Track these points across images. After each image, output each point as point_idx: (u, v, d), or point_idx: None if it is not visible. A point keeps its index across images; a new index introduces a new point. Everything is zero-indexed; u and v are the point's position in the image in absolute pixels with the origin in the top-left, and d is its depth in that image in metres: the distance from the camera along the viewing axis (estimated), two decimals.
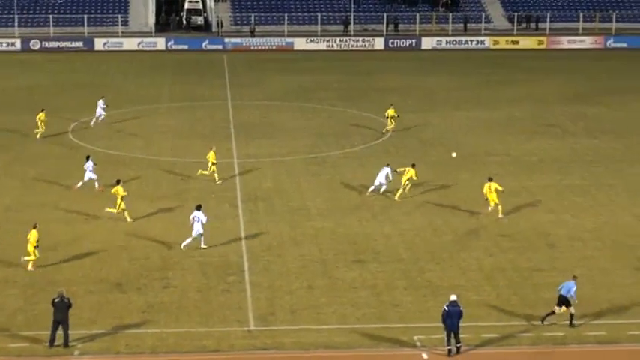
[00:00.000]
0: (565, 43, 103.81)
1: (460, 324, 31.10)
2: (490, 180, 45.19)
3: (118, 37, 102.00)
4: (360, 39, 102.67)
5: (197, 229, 39.74)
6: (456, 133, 61.02)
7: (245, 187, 49.02)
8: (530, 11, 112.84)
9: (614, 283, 36.83)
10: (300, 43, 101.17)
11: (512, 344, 31.97)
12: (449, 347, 31.19)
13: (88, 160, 48.37)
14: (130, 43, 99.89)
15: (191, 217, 40.00)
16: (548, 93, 73.30)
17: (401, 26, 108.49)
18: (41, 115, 59.20)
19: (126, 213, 43.33)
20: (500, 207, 44.52)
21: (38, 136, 58.79)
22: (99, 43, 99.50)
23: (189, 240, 39.93)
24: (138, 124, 62.50)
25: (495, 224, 43.54)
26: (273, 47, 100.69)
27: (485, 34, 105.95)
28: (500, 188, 44.66)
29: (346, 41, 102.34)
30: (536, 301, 35.15)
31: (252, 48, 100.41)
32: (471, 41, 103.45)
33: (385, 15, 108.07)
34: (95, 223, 43.32)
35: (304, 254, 39.68)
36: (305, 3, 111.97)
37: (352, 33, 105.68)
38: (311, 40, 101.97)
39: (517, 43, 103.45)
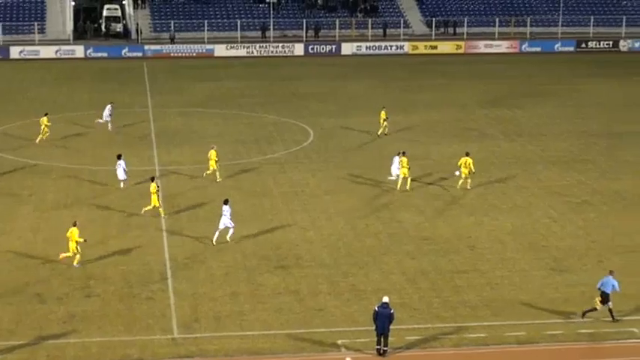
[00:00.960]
0: (482, 47, 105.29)
1: (390, 327, 31.38)
2: (467, 155, 49.69)
3: (34, 45, 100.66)
4: (280, 45, 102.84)
5: (224, 222, 41.41)
6: (377, 138, 61.40)
7: (167, 194, 48.75)
8: (448, 16, 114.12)
9: (533, 284, 37.45)
10: (220, 50, 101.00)
11: (436, 347, 32.31)
12: (377, 347, 31.45)
13: (119, 158, 49.71)
14: (48, 51, 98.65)
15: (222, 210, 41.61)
16: (466, 97, 74.26)
17: (321, 32, 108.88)
18: (44, 120, 59.81)
19: (160, 209, 45.08)
20: (469, 180, 49.42)
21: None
22: (14, 52, 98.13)
23: (217, 233, 41.39)
24: (57, 133, 61.70)
25: (417, 228, 43.97)
26: (194, 54, 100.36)
27: (405, 40, 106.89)
28: (473, 169, 49.51)
29: (266, 47, 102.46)
30: (459, 302, 35.60)
31: (172, 55, 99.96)
32: (391, 46, 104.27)
33: (305, 21, 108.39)
34: (11, 232, 42.78)
35: (227, 261, 39.62)
36: (225, 9, 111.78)
37: (272, 39, 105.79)
38: (231, 47, 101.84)
39: (435, 47, 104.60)
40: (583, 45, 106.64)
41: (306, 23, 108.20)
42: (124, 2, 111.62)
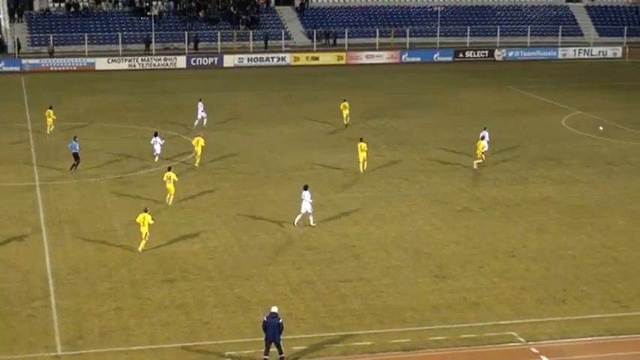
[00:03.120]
0: (363, 58, 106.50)
1: (281, 337, 31.51)
2: (483, 138, 56.98)
3: None
4: (162, 58, 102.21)
5: (305, 207, 45.00)
6: (261, 149, 61.61)
7: (49, 209, 48.05)
8: (329, 27, 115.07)
9: (417, 291, 38.05)
10: (101, 63, 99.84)
11: (323, 355, 32.57)
12: (265, 357, 31.50)
13: (156, 135, 57.28)
14: None
15: (301, 195, 45.13)
16: (349, 107, 74.80)
17: (202, 44, 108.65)
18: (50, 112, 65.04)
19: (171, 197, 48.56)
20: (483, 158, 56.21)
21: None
22: None
23: (299, 217, 45.17)
24: None
25: (302, 238, 44.24)
26: (74, 67, 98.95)
27: (286, 51, 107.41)
28: (482, 148, 56.37)
29: (148, 60, 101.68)
30: (344, 311, 35.96)
31: (52, 69, 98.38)
32: (272, 58, 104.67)
33: (186, 33, 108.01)
34: None
35: (112, 276, 39.24)
36: (105, 22, 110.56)
37: (154, 52, 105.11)
38: (113, 60, 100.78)
39: (317, 59, 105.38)
40: (460, 55, 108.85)
41: (188, 36, 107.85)
42: None
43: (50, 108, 66.54)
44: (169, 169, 49.46)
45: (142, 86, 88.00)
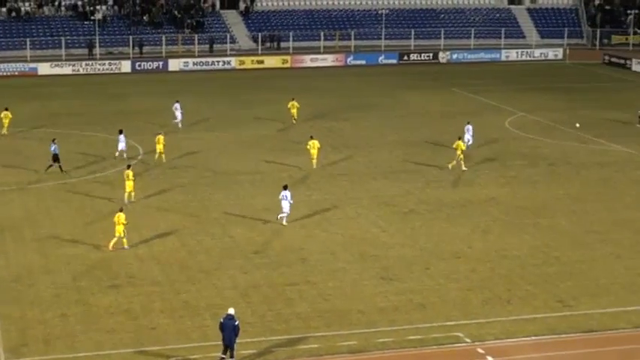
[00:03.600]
0: (308, 61, 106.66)
1: (236, 340, 31.72)
2: (460, 139, 57.83)
3: None
4: (107, 62, 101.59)
5: (285, 206, 46.31)
6: (207, 154, 61.46)
7: None
8: (274, 31, 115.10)
9: (364, 294, 38.22)
10: (44, 68, 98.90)
11: None
12: (222, 356, 31.65)
13: (121, 133, 59.11)
14: None
15: (280, 195, 46.50)
16: (297, 106, 74.70)
17: (147, 48, 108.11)
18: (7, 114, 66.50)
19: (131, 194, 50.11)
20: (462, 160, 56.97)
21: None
22: None
23: (283, 215, 46.53)
24: None
25: (248, 242, 44.23)
26: (16, 73, 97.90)
27: (232, 55, 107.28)
28: (463, 147, 57.26)
29: (92, 65, 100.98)
30: (291, 315, 36.02)
31: None
32: (218, 62, 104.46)
33: (131, 37, 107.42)
34: None
35: (57, 282, 38.94)
36: (48, 27, 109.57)
37: (98, 56, 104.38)
38: (56, 65, 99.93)
39: (262, 62, 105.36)
40: (405, 57, 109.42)
41: (133, 40, 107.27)
42: None
43: (6, 109, 67.48)
44: (129, 167, 50.57)
45: (86, 91, 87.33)
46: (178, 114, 69.81)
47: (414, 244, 44.23)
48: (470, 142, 61.46)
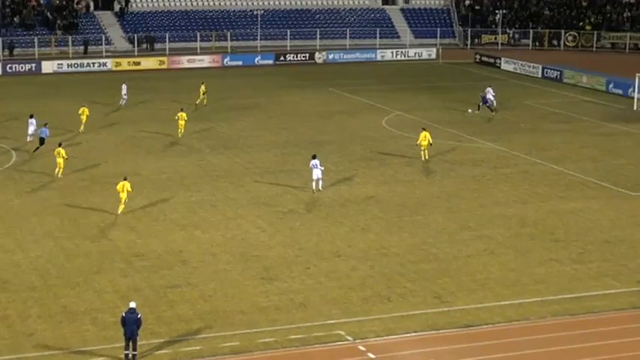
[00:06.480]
0: (185, 62, 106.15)
1: (139, 332, 31.85)
2: (424, 129, 60.29)
3: None
4: None
5: (316, 173, 51.88)
6: (85, 156, 60.55)
7: None
8: (150, 32, 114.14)
9: (245, 294, 38.27)
10: None
11: None
12: (126, 352, 31.58)
13: (31, 117, 63.03)
14: None
15: (310, 164, 52.29)
16: (171, 112, 74.24)
17: (19, 50, 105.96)
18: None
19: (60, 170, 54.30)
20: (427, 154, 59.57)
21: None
22: None
23: (313, 184, 52.26)
24: None
25: (128, 245, 43.83)
26: None
27: (107, 56, 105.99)
28: (431, 141, 59.42)
29: None
30: (173, 317, 35.85)
31: None
32: (93, 63, 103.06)
33: (0, 39, 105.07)
34: None
35: None
36: None
37: None
38: None
39: (139, 64, 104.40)
40: (282, 58, 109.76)
41: (3, 42, 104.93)
42: None
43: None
44: (60, 145, 55.33)
45: None
46: (124, 95, 77.86)
47: (293, 244, 44.46)
48: (493, 104, 75.08)
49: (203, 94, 78.42)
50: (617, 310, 37.20)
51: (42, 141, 60.38)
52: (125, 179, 48.31)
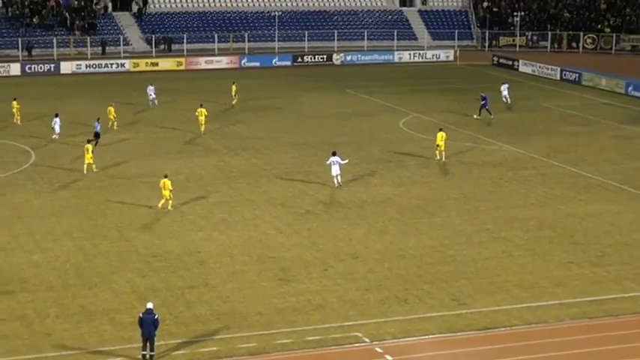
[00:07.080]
0: (203, 63, 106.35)
1: (156, 333, 31.90)
2: (441, 130, 61.12)
3: None
4: None
5: (335, 170, 52.97)
6: (103, 157, 60.63)
7: None
8: (168, 33, 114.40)
9: (262, 295, 38.29)
10: None
11: None
12: (143, 353, 31.70)
13: (56, 116, 65.02)
14: None
15: (329, 161, 53.68)
16: (190, 113, 74.29)
17: (38, 51, 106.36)
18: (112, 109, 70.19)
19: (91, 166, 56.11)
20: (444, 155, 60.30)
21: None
22: None
23: (339, 179, 53.66)
24: None
25: (146, 245, 43.90)
26: None
27: (125, 57, 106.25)
28: (445, 137, 60.48)
29: None
30: (190, 318, 35.90)
31: None
32: (111, 64, 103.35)
33: (20, 40, 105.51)
34: None
35: None
36: None
37: None
38: None
39: (157, 64, 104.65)
40: (299, 59, 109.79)
41: (22, 42, 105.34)
42: None
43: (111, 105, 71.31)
44: (89, 142, 57.04)
45: None
46: (152, 95, 78.87)
47: (311, 245, 44.46)
48: (507, 100, 78.82)
49: (235, 94, 79.94)
50: (637, 313, 37.09)
51: (97, 135, 62.72)
52: (166, 176, 49.47)
